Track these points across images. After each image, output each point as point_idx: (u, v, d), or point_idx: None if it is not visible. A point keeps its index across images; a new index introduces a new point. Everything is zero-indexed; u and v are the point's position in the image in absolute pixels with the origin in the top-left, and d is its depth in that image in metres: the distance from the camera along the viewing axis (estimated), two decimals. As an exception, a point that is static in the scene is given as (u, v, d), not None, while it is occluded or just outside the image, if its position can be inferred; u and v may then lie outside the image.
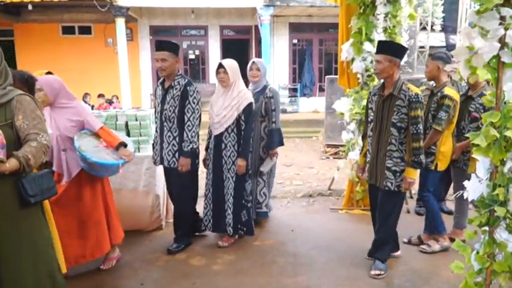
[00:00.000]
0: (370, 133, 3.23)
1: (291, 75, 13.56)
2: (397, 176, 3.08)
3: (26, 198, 2.06)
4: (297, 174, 6.62)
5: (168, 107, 3.40)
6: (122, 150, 3.07)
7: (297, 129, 10.97)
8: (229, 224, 3.64)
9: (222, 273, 3.27)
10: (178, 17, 12.88)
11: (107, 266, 3.27)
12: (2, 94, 2.05)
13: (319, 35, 13.44)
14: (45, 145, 2.11)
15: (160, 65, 3.37)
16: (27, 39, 12.41)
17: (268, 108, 3.92)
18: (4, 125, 2.01)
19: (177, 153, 3.44)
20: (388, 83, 3.09)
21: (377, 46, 3.15)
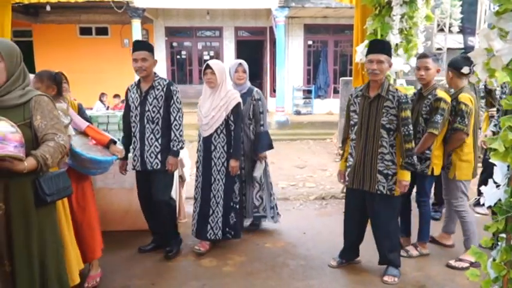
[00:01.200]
0: (354, 136, 3.13)
1: (306, 77, 13.50)
2: (389, 180, 3.00)
3: (43, 197, 2.08)
4: (310, 176, 6.57)
5: (150, 108, 3.32)
6: (112, 147, 3.06)
7: (311, 131, 10.91)
8: (220, 227, 3.53)
9: (232, 274, 3.25)
10: (193, 18, 12.95)
11: (90, 284, 3.03)
12: (21, 94, 2.09)
13: (334, 36, 13.35)
14: (63, 145, 2.13)
15: (140, 65, 3.28)
16: (46, 40, 12.62)
17: (256, 110, 3.84)
18: (23, 125, 2.04)
19: (159, 155, 3.35)
20: (376, 84, 3.00)
21: (372, 45, 3.02)
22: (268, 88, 13.76)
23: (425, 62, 3.35)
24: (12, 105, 2.05)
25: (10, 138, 1.89)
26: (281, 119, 11.27)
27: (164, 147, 3.34)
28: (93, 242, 3.02)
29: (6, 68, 2.04)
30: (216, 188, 3.53)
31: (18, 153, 1.92)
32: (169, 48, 13.37)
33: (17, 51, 2.13)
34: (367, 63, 2.98)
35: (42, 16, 12.41)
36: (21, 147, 1.94)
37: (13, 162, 1.92)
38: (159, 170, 3.36)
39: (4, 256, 2.05)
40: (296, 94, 13.12)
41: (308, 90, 13.24)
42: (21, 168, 1.94)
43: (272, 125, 11.24)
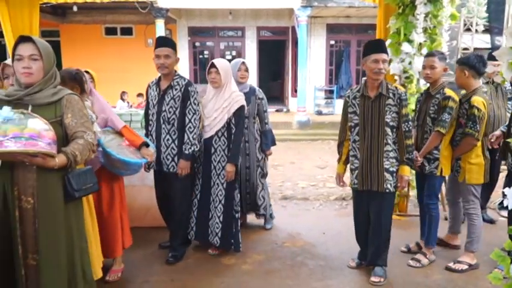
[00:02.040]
0: (357, 138, 3.10)
1: (327, 77, 13.41)
2: (394, 176, 3.02)
3: (71, 193, 2.15)
4: (330, 176, 6.53)
5: (167, 108, 3.25)
6: (144, 149, 3.07)
7: (332, 131, 10.80)
8: (217, 234, 3.44)
9: (250, 273, 3.27)
10: (216, 18, 13.04)
11: (112, 278, 3.10)
12: (54, 93, 2.16)
13: (357, 36, 13.21)
14: (91, 143, 2.20)
15: (162, 62, 3.19)
16: (72, 40, 12.93)
17: (260, 109, 3.90)
18: (54, 122, 2.11)
19: (176, 157, 3.28)
20: (375, 83, 2.99)
21: (375, 45, 3.00)
22: (289, 88, 13.73)
23: (431, 61, 3.28)
24: (45, 103, 2.12)
25: (44, 135, 1.94)
26: (302, 119, 11.23)
27: (180, 149, 3.27)
28: (115, 240, 3.07)
29: (44, 67, 2.11)
30: (215, 192, 3.44)
31: (51, 150, 1.97)
32: (191, 47, 13.50)
33: (52, 51, 2.21)
34: (372, 63, 2.93)
35: (69, 16, 12.72)
36: (53, 144, 1.99)
37: (45, 159, 1.98)
38: (175, 173, 3.30)
39: (29, 249, 2.10)
40: (318, 94, 13.05)
41: (330, 90, 13.15)
42: (52, 165, 2.01)
43: (293, 125, 11.22)
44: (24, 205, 2.08)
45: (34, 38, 2.11)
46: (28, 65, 2.07)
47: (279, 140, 9.95)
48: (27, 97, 2.10)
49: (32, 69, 2.08)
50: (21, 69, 2.08)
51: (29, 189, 2.07)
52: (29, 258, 2.11)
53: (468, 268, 3.23)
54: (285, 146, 9.58)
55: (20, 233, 2.09)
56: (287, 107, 13.51)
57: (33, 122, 1.95)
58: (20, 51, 2.09)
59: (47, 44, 2.19)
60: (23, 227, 2.09)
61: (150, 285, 3.07)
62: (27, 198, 2.08)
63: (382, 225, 3.08)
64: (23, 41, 2.11)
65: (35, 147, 1.89)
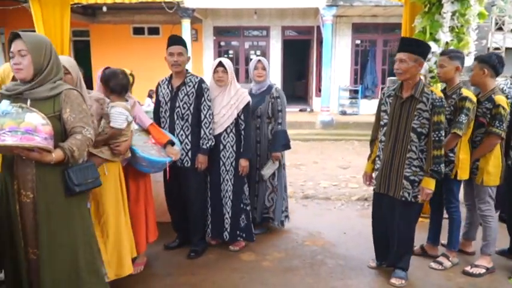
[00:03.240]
0: (383, 138, 3.02)
1: (352, 77, 13.29)
2: (415, 186, 2.88)
3: (72, 187, 2.14)
4: (353, 177, 6.49)
5: (181, 104, 3.31)
6: (169, 148, 3.12)
7: (356, 131, 10.74)
8: (226, 228, 3.49)
9: (270, 269, 3.30)
10: (241, 18, 13.11)
11: (135, 271, 3.12)
12: (52, 87, 2.15)
13: (383, 35, 13.04)
14: (90, 138, 2.19)
15: (176, 59, 3.26)
16: (102, 39, 13.27)
17: (274, 109, 3.74)
18: (53, 117, 2.10)
19: (189, 152, 3.33)
20: (409, 84, 2.87)
21: (400, 43, 2.93)
22: (313, 88, 13.68)
23: (441, 60, 3.23)
24: (43, 98, 2.12)
25: (40, 130, 1.94)
26: (326, 118, 11.18)
27: (194, 144, 3.32)
28: (140, 236, 3.14)
29: (33, 61, 2.09)
30: (224, 188, 3.47)
31: (47, 145, 1.97)
32: (217, 47, 13.62)
33: (46, 44, 2.16)
34: (395, 63, 2.90)
35: (99, 16, 13.05)
36: (50, 139, 1.99)
37: (42, 153, 1.99)
38: (190, 168, 3.35)
39: (29, 244, 2.13)
40: (342, 94, 12.95)
41: (355, 90, 13.02)
42: (49, 159, 2.02)
43: (316, 125, 11.18)
44: (23, 199, 2.11)
45: (22, 33, 2.09)
46: (18, 61, 2.08)
47: (303, 139, 10.12)
48: (27, 92, 2.11)
49: (22, 64, 2.08)
50: (13, 66, 2.10)
51: (28, 184, 2.09)
52: (29, 252, 2.14)
53: (485, 272, 3.17)
54: (308, 146, 9.57)
55: (21, 227, 2.13)
56: (311, 107, 13.46)
57: (30, 117, 1.94)
58: (12, 48, 2.11)
59: (39, 36, 2.19)
60: (23, 221, 2.12)
61: (172, 278, 3.14)
62: (27, 192, 2.10)
63: (401, 234, 3.02)
64: (14, 37, 2.11)
65: (30, 142, 1.89)
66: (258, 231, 3.98)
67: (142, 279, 3.12)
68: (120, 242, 2.77)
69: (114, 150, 2.73)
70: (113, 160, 2.76)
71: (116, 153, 2.75)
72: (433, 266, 3.28)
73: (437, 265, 3.29)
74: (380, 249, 3.25)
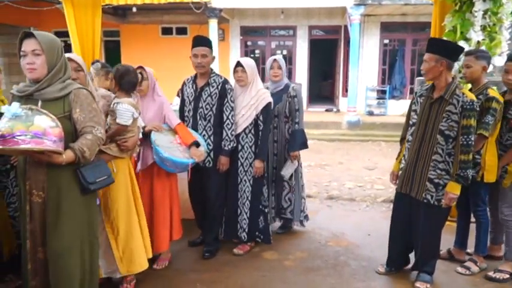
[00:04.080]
0: (410, 138, 2.97)
1: (380, 77, 13.07)
2: (439, 190, 2.82)
3: (86, 186, 2.16)
4: (378, 178, 6.40)
5: (204, 105, 3.32)
6: (193, 149, 3.12)
7: (383, 132, 10.57)
8: (244, 229, 3.48)
9: (292, 269, 3.31)
10: (268, 18, 13.12)
11: (160, 266, 3.25)
12: (61, 87, 2.13)
13: (413, 34, 12.78)
14: (100, 138, 2.18)
15: (200, 61, 3.27)
16: (131, 39, 13.56)
17: (292, 108, 3.71)
18: (63, 117, 2.09)
19: (212, 153, 3.34)
20: (440, 85, 2.81)
21: (427, 44, 2.87)
22: (340, 87, 13.54)
23: (466, 60, 3.15)
24: (53, 98, 2.11)
25: (49, 132, 1.92)
26: (352, 119, 11.05)
27: (216, 145, 3.33)
28: (163, 235, 3.17)
29: (47, 61, 2.08)
30: (242, 188, 3.45)
31: (57, 148, 1.97)
32: (243, 47, 13.68)
33: (58, 44, 2.15)
34: None
35: (129, 17, 13.33)
36: (59, 141, 1.98)
37: (51, 156, 1.99)
38: (211, 168, 3.36)
39: (38, 243, 2.15)
40: (369, 94, 12.76)
41: (382, 90, 12.82)
42: (59, 161, 2.02)
43: (343, 125, 11.07)
44: (35, 199, 2.12)
45: (36, 32, 2.07)
46: (31, 60, 2.06)
47: (328, 139, 10.06)
48: (37, 92, 2.10)
49: (35, 64, 2.06)
50: (26, 65, 2.07)
51: (39, 184, 2.11)
52: (38, 251, 2.15)
53: (509, 277, 3.07)
54: (334, 146, 9.49)
55: (32, 227, 2.14)
56: (337, 107, 13.34)
57: (39, 119, 1.93)
58: (24, 47, 2.08)
59: (52, 38, 2.15)
60: (33, 220, 2.13)
61: (197, 275, 3.20)
62: (38, 192, 2.12)
63: (426, 237, 2.96)
64: (26, 36, 2.09)
65: (40, 145, 1.88)
66: (281, 230, 3.99)
67: (167, 275, 3.18)
68: (131, 238, 2.78)
69: (122, 146, 2.74)
70: (121, 157, 2.76)
71: (124, 150, 2.76)
72: (459, 271, 3.21)
73: (464, 270, 3.21)
74: (393, 253, 3.20)
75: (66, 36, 4.63)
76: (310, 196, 5.23)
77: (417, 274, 3.07)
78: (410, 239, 3.10)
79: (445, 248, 3.43)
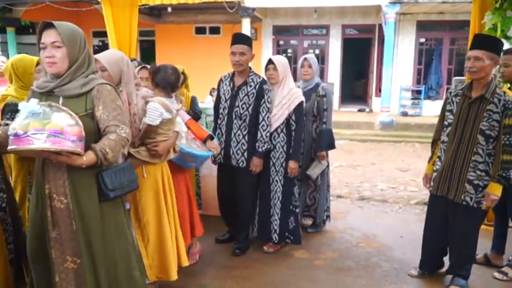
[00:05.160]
0: (446, 139, 2.87)
1: (415, 76, 12.77)
2: (479, 191, 2.73)
3: (105, 192, 1.96)
4: (412, 180, 6.26)
5: (240, 104, 3.27)
6: (209, 142, 3.11)
7: (418, 133, 10.33)
8: (275, 230, 3.44)
9: (322, 268, 3.30)
10: (300, 17, 13.07)
11: (191, 261, 3.18)
12: (84, 83, 1.95)
13: (450, 33, 12.41)
14: (125, 138, 1.98)
15: (238, 59, 3.21)
16: (166, 39, 13.84)
17: (320, 107, 3.66)
18: (84, 116, 1.91)
19: (246, 153, 3.30)
20: (480, 83, 2.71)
21: (474, 40, 2.75)
22: (373, 87, 13.33)
23: (504, 59, 3.05)
24: (75, 95, 1.93)
25: (68, 131, 1.75)
26: (385, 119, 10.86)
27: (250, 145, 3.29)
28: (187, 231, 3.13)
29: (68, 54, 1.90)
30: (274, 189, 3.41)
31: (76, 148, 1.77)
32: (275, 46, 13.69)
33: (80, 35, 1.97)
34: (466, 61, 2.76)
35: (164, 17, 13.62)
36: (79, 141, 1.79)
37: (70, 157, 1.79)
38: (244, 168, 3.33)
39: (67, 252, 1.96)
40: (403, 94, 12.50)
41: (417, 90, 12.52)
42: (79, 163, 1.82)
43: (375, 126, 10.90)
44: (57, 204, 1.93)
45: (56, 23, 1.88)
46: (51, 53, 1.88)
47: (360, 140, 9.93)
48: (57, 89, 1.92)
49: (55, 57, 1.88)
50: (45, 59, 1.90)
51: (60, 189, 1.92)
52: (68, 261, 1.96)
53: None
54: (366, 147, 9.36)
55: (56, 235, 1.95)
56: (370, 107, 13.13)
57: (57, 117, 1.75)
58: (43, 39, 1.90)
59: (72, 26, 1.96)
60: (58, 228, 1.94)
61: (227, 271, 3.24)
62: (60, 197, 1.93)
63: (463, 240, 2.88)
64: (46, 27, 1.90)
65: (56, 145, 1.70)
66: (311, 229, 3.99)
67: (197, 270, 3.24)
68: (162, 247, 2.66)
69: (152, 150, 2.58)
70: (152, 162, 2.62)
71: (154, 155, 2.60)
72: (496, 276, 3.11)
73: (501, 275, 3.11)
74: (426, 256, 3.13)
75: (104, 36, 4.78)
76: (341, 196, 5.20)
77: (452, 278, 3.00)
78: (444, 241, 3.02)
79: (482, 253, 3.33)
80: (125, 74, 2.49)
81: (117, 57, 2.49)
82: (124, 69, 2.48)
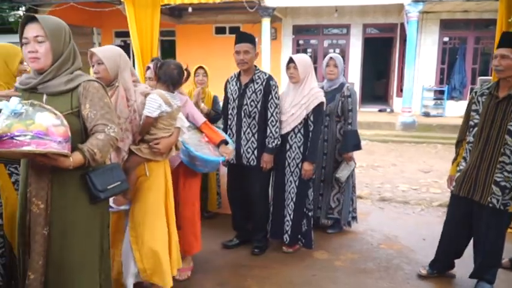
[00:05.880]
0: (471, 139, 2.81)
1: (438, 76, 12.52)
2: (506, 193, 2.66)
3: (95, 194, 1.86)
4: (435, 181, 6.14)
5: (248, 102, 3.25)
6: (223, 147, 3.04)
7: (441, 134, 10.13)
8: (287, 231, 3.40)
9: (343, 269, 3.27)
10: (321, 16, 12.98)
11: (183, 276, 3.02)
12: (68, 79, 1.84)
13: (475, 32, 12.12)
14: (113, 138, 1.88)
15: (242, 58, 3.20)
16: (186, 39, 13.94)
17: (344, 108, 3.63)
18: (70, 114, 1.82)
19: (256, 151, 3.28)
20: (508, 82, 2.65)
21: (502, 38, 2.69)
22: (395, 87, 13.13)
23: None
24: (59, 92, 1.83)
25: (53, 132, 1.64)
26: (407, 120, 10.68)
27: (260, 143, 3.27)
28: (194, 238, 3.05)
29: (52, 49, 1.80)
30: (288, 189, 3.37)
31: (62, 150, 1.67)
32: (295, 46, 13.63)
33: (65, 29, 1.87)
34: (493, 59, 2.70)
35: (185, 17, 13.71)
36: (65, 142, 1.69)
37: (57, 159, 1.70)
38: (255, 166, 3.30)
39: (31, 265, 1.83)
40: (426, 94, 12.27)
41: (440, 90, 12.27)
42: (66, 165, 1.73)
43: (396, 126, 10.74)
44: (34, 209, 1.83)
45: (39, 16, 1.79)
46: (33, 48, 1.78)
47: (381, 140, 9.81)
48: (40, 85, 1.82)
49: (38, 52, 1.78)
50: (28, 54, 1.79)
51: (40, 192, 1.82)
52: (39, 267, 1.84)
53: None
54: (387, 148, 9.23)
55: (28, 240, 1.85)
56: (391, 107, 12.94)
57: (41, 117, 1.64)
58: (25, 34, 1.80)
59: (57, 22, 1.86)
60: (32, 235, 1.84)
61: (247, 270, 3.24)
62: (37, 201, 1.82)
63: (490, 244, 2.81)
64: (28, 21, 1.80)
65: (41, 147, 1.59)
66: (331, 230, 3.95)
67: (216, 269, 3.25)
68: (157, 250, 2.48)
69: (153, 148, 2.47)
70: (154, 159, 2.51)
71: (156, 152, 2.49)
72: None
73: None
74: (441, 256, 3.09)
75: (126, 36, 4.84)
76: (362, 197, 5.13)
77: (477, 282, 2.92)
78: (461, 243, 3.00)
79: (507, 257, 3.24)
80: (122, 69, 2.39)
81: (114, 52, 2.40)
82: (121, 65, 2.39)
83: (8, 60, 2.36)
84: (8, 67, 2.36)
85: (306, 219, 3.45)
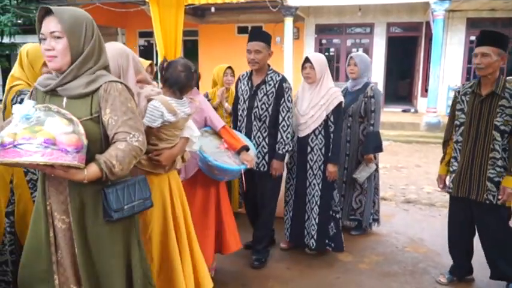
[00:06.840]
0: (460, 138, 2.80)
1: (465, 76, 12.23)
2: (500, 188, 2.66)
3: (109, 213, 1.62)
4: (461, 184, 5.99)
5: (259, 104, 3.08)
6: (244, 154, 2.81)
7: (467, 135, 9.87)
8: (312, 236, 3.28)
9: (367, 272, 3.22)
10: (344, 15, 12.85)
11: None
12: (89, 81, 1.62)
13: (503, 30, 11.71)
14: (137, 148, 1.63)
15: (253, 57, 3.02)
16: (208, 39, 14.02)
17: (367, 108, 3.54)
18: (89, 120, 1.60)
19: (266, 156, 3.11)
20: (488, 80, 2.68)
21: (480, 36, 2.73)
22: (419, 87, 12.90)
23: None
24: (78, 95, 1.61)
25: (62, 141, 1.43)
26: (432, 120, 10.47)
27: (272, 148, 3.11)
28: (209, 249, 2.83)
29: (70, 46, 1.58)
30: (311, 193, 3.28)
31: (72, 161, 1.46)
32: (318, 45, 13.53)
33: (86, 23, 1.62)
34: (473, 57, 2.72)
35: (207, 17, 13.79)
36: (76, 152, 1.47)
37: (68, 171, 1.49)
38: (266, 172, 3.14)
39: (71, 280, 1.68)
40: (452, 94, 11.95)
41: (466, 90, 11.98)
42: (79, 178, 1.52)
43: (421, 127, 10.54)
44: (58, 224, 1.66)
45: (56, 8, 1.57)
46: (49, 45, 1.57)
47: (404, 141, 9.65)
48: (60, 87, 1.62)
49: (55, 50, 1.57)
50: (45, 52, 1.59)
51: (62, 206, 1.65)
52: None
53: None
54: (411, 148, 9.08)
55: (60, 258, 1.68)
56: (415, 108, 12.71)
57: (50, 123, 1.44)
58: (42, 29, 1.59)
59: (77, 14, 1.62)
60: (61, 251, 1.68)
61: (267, 270, 3.23)
62: (61, 216, 1.66)
63: (495, 240, 2.79)
64: (46, 14, 1.59)
65: (47, 157, 1.40)
66: (355, 232, 3.90)
67: (237, 268, 3.24)
68: (169, 267, 2.22)
69: (153, 159, 2.16)
70: (155, 172, 2.19)
71: (156, 164, 2.18)
72: None
73: None
74: (456, 259, 3.04)
75: (149, 36, 4.88)
76: (386, 199, 5.05)
77: (506, 286, 2.87)
78: (468, 243, 2.98)
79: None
80: (125, 70, 2.07)
81: (115, 51, 2.05)
82: (123, 65, 2.06)
83: (33, 62, 2.27)
84: (33, 69, 2.28)
85: (333, 222, 3.34)
